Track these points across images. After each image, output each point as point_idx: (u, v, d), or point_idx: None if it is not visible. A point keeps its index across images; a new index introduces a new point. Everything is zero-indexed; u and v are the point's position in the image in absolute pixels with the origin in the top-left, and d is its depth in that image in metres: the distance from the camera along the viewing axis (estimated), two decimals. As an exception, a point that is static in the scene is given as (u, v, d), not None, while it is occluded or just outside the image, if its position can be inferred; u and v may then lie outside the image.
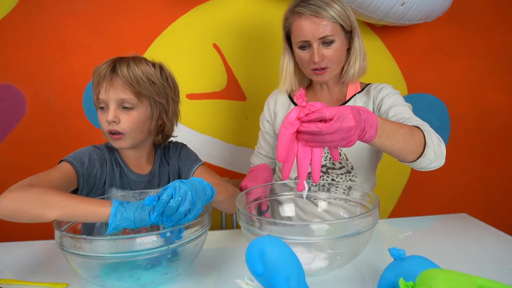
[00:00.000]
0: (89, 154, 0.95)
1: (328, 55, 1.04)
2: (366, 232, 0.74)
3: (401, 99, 1.09)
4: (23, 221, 0.72)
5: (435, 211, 1.74)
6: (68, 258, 0.69)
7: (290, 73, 1.15)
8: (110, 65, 0.93)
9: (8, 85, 1.55)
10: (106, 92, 0.91)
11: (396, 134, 0.79)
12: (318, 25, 1.01)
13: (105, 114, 0.92)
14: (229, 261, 0.84)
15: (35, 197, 0.72)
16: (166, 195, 0.68)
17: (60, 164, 0.90)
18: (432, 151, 0.86)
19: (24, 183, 0.76)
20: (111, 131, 0.93)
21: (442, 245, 0.89)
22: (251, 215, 0.77)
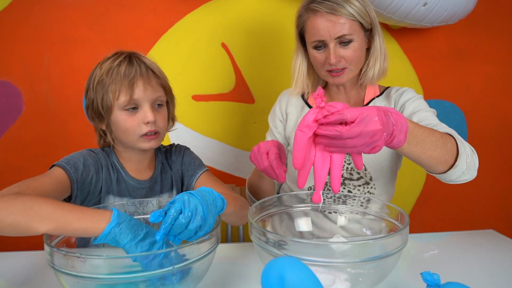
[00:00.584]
0: (83, 159, 0.86)
1: (345, 56, 0.95)
2: (394, 255, 0.66)
3: (425, 104, 1.01)
4: (8, 234, 0.63)
5: (449, 225, 1.66)
6: (58, 277, 0.61)
7: (303, 75, 1.06)
8: (129, 58, 0.86)
9: (5, 82, 1.47)
10: (142, 90, 0.84)
11: (427, 141, 0.72)
12: (335, 24, 0.92)
13: (139, 116, 0.85)
14: (239, 280, 0.76)
15: (21, 207, 0.63)
16: (174, 210, 0.60)
17: (52, 169, 0.82)
18: (464, 162, 0.78)
19: (11, 191, 0.68)
20: (150, 132, 0.86)
21: (472, 265, 0.81)
22: (265, 231, 0.69)
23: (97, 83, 0.85)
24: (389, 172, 1.03)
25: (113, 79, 0.83)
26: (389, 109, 0.64)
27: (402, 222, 0.74)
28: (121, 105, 0.84)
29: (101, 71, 0.85)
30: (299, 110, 1.10)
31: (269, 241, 0.67)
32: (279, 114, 1.13)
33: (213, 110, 1.54)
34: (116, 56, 0.87)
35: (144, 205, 0.84)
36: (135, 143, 0.87)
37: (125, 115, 0.85)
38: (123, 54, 0.87)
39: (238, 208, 0.86)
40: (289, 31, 1.51)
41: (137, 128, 0.85)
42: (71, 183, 0.81)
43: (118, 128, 0.87)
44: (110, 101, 0.84)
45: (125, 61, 0.85)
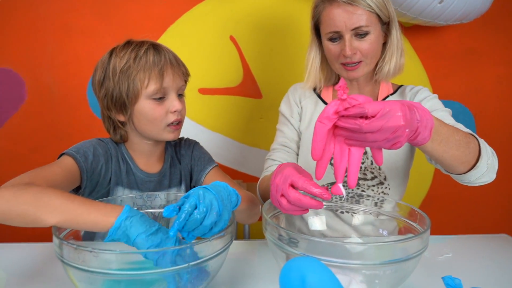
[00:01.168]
0: (93, 148, 0.84)
1: (361, 48, 0.92)
2: (414, 258, 0.64)
3: (440, 103, 0.99)
4: (16, 224, 0.61)
5: (456, 228, 1.64)
6: (67, 270, 0.59)
7: (316, 69, 1.03)
8: (153, 47, 0.84)
9: (8, 69, 1.44)
10: (172, 79, 0.84)
11: (451, 140, 0.69)
12: (352, 14, 0.89)
13: (166, 106, 0.84)
14: (250, 278, 0.73)
15: (31, 197, 0.61)
16: (189, 205, 0.58)
17: (62, 158, 0.79)
18: (485, 163, 0.76)
19: (22, 181, 0.65)
20: (176, 121, 0.85)
21: (489, 270, 0.79)
22: (281, 228, 0.67)
23: (120, 71, 0.81)
24: (403, 172, 1.01)
25: (142, 67, 0.81)
26: (414, 103, 0.61)
27: (422, 224, 0.71)
28: (149, 94, 0.82)
29: (122, 59, 0.82)
30: (313, 105, 1.07)
31: (283, 239, 0.65)
32: (295, 104, 1.09)
33: (220, 104, 1.51)
34: (136, 44, 0.84)
35: (152, 199, 0.82)
36: (160, 133, 0.85)
37: (153, 104, 0.83)
38: (145, 43, 0.84)
39: (250, 205, 0.84)
40: (299, 26, 1.49)
41: (164, 117, 0.84)
42: (80, 173, 0.79)
43: (142, 118, 0.84)
44: (137, 89, 0.82)
45: (150, 49, 0.83)
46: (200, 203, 0.59)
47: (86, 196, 0.84)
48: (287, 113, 1.10)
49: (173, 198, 0.83)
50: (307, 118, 1.06)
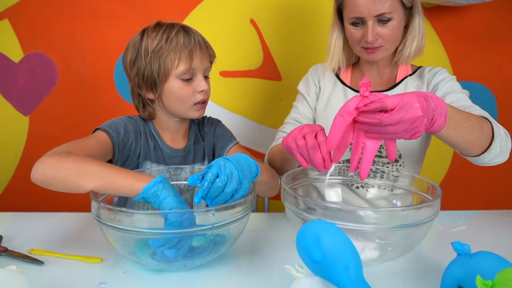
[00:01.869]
0: (124, 124, 0.90)
1: (383, 34, 0.94)
2: (425, 225, 0.67)
3: (458, 85, 1.00)
4: (58, 189, 0.68)
5: (475, 206, 1.65)
6: (104, 231, 0.65)
7: (339, 50, 1.06)
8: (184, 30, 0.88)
9: (41, 54, 1.52)
10: (200, 61, 0.88)
11: (465, 125, 0.72)
12: (376, 1, 0.91)
13: (193, 86, 0.89)
14: (269, 246, 0.79)
15: (73, 165, 0.67)
16: (211, 174, 0.63)
17: (96, 132, 0.86)
18: (499, 145, 0.79)
19: (62, 150, 0.72)
20: (202, 100, 0.90)
21: (503, 241, 0.82)
22: (299, 196, 0.71)
23: (152, 51, 0.86)
24: (418, 151, 1.03)
25: (173, 48, 0.85)
26: (428, 94, 0.64)
27: (433, 194, 0.74)
28: (179, 73, 0.86)
29: (154, 40, 0.85)
30: (332, 85, 1.10)
31: (301, 207, 0.70)
32: (313, 84, 1.13)
33: (240, 87, 1.55)
34: (167, 26, 0.88)
35: (178, 173, 0.88)
36: (187, 110, 0.91)
37: (181, 83, 0.87)
38: (175, 25, 0.88)
39: (269, 177, 0.88)
40: (317, 9, 1.50)
41: (192, 96, 0.89)
42: (113, 146, 0.85)
43: (171, 96, 0.89)
44: (168, 69, 0.86)
45: (181, 31, 0.87)
46: (221, 172, 0.64)
47: None
48: (304, 91, 1.13)
49: (197, 171, 0.88)
50: (325, 98, 1.10)
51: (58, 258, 0.71)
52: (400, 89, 1.04)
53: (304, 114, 1.11)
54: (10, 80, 1.53)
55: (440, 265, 0.64)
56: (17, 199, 1.62)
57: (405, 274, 0.68)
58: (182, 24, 0.91)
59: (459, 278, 0.59)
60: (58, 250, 0.74)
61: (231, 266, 0.70)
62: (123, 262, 0.70)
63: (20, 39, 1.50)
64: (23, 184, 1.61)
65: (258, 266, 0.70)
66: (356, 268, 0.54)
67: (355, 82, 1.10)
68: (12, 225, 0.88)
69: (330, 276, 0.54)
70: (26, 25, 1.50)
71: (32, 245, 0.76)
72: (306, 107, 1.12)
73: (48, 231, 0.84)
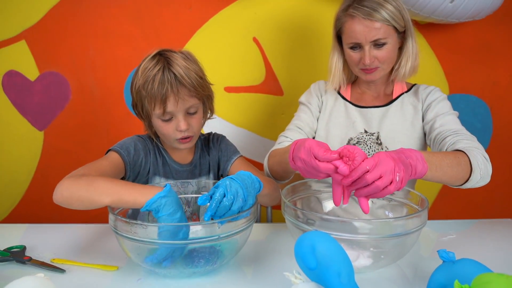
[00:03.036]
0: (134, 144, 0.98)
1: (379, 56, 1.03)
2: (414, 233, 0.73)
3: (448, 105, 1.08)
4: (76, 208, 0.76)
5: (471, 216, 1.70)
6: (120, 241, 0.72)
7: (339, 71, 1.13)
8: (163, 70, 0.89)
9: (55, 72, 1.61)
10: (174, 104, 0.90)
11: (443, 164, 0.81)
12: (371, 29, 0.99)
13: (173, 124, 0.93)
14: (271, 254, 0.85)
15: (85, 185, 0.75)
16: (219, 194, 0.69)
17: (109, 153, 0.94)
18: (478, 174, 0.86)
19: (77, 173, 0.80)
20: (184, 137, 0.94)
21: (488, 249, 0.87)
22: (297, 208, 0.78)
23: (136, 92, 0.93)
24: None
25: (148, 93, 0.90)
26: (399, 150, 0.74)
27: (422, 205, 0.81)
28: (157, 115, 0.92)
29: (139, 80, 0.91)
30: (333, 100, 1.18)
31: (299, 218, 0.76)
32: (316, 97, 1.19)
33: (244, 101, 1.63)
34: (153, 63, 0.91)
35: (185, 186, 0.95)
36: (172, 143, 0.97)
37: (161, 122, 0.93)
38: (159, 63, 0.90)
39: (271, 190, 0.95)
40: (318, 27, 1.58)
41: (172, 134, 0.94)
42: (125, 165, 0.93)
43: (157, 131, 0.97)
44: (148, 109, 0.93)
45: (159, 73, 0.89)
46: (228, 191, 0.70)
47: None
48: (306, 101, 1.19)
49: (203, 185, 0.95)
50: (327, 112, 1.17)
51: (77, 267, 0.78)
52: (397, 104, 1.11)
53: (306, 122, 1.16)
54: (26, 97, 1.62)
55: (428, 271, 0.69)
56: (31, 210, 1.70)
57: (396, 279, 0.74)
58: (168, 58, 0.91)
59: (443, 283, 0.64)
60: (77, 259, 0.81)
61: (236, 273, 0.76)
62: (137, 270, 0.77)
63: (36, 59, 1.59)
64: (37, 196, 1.69)
65: (260, 273, 0.77)
66: (348, 274, 0.60)
67: (355, 97, 1.17)
68: (32, 236, 0.95)
69: (325, 281, 0.60)
70: (41, 46, 1.58)
71: (54, 255, 0.83)
72: (309, 116, 1.17)
73: (67, 241, 0.91)
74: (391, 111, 1.11)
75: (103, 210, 0.90)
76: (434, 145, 1.02)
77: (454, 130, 0.98)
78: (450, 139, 0.96)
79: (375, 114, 1.12)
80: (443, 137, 0.98)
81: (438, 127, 1.02)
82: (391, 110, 1.11)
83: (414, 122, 1.09)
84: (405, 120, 1.09)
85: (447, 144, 0.95)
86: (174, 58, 0.92)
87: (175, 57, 0.92)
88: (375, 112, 1.12)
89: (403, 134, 1.08)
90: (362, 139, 1.11)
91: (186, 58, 0.94)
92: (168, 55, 0.92)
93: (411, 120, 1.09)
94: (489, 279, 0.55)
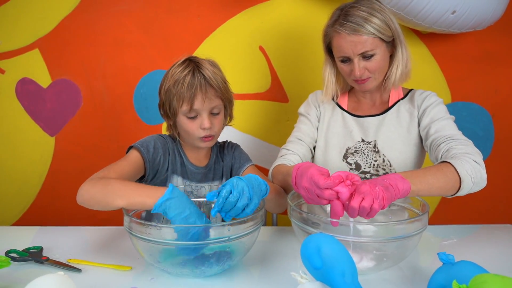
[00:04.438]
0: (154, 142, 1.03)
1: (369, 67, 1.05)
2: (415, 236, 0.76)
3: (444, 110, 1.09)
4: (96, 208, 0.80)
5: (473, 222, 1.72)
6: (134, 241, 0.76)
7: (332, 83, 1.17)
8: (193, 72, 0.96)
9: (67, 80, 1.66)
10: (201, 102, 0.96)
11: (427, 177, 0.83)
12: (357, 43, 1.01)
13: (198, 122, 0.99)
14: (277, 256, 0.88)
15: (101, 188, 0.80)
16: (225, 191, 0.73)
17: (129, 151, 0.99)
18: (469, 181, 0.88)
19: (98, 175, 0.85)
20: (207, 135, 0.99)
21: (487, 253, 0.90)
22: (303, 212, 0.81)
23: (165, 92, 1.00)
24: (412, 168, 1.12)
25: (177, 92, 0.97)
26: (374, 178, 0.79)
27: (423, 210, 0.84)
28: (183, 112, 0.99)
29: (169, 81, 0.98)
30: (331, 110, 1.21)
31: (305, 221, 0.79)
32: (314, 107, 1.22)
33: (250, 108, 1.67)
34: (183, 66, 0.99)
35: (198, 188, 1.00)
36: (195, 141, 1.02)
37: (187, 120, 0.99)
38: (189, 67, 0.98)
39: (277, 195, 0.98)
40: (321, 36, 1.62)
41: (196, 131, 1.00)
42: (144, 162, 0.98)
43: (181, 128, 1.03)
44: (175, 107, 0.99)
45: (189, 75, 0.96)
46: (234, 189, 0.74)
47: (149, 181, 1.03)
48: (306, 113, 1.22)
49: (215, 188, 0.99)
50: (326, 122, 1.20)
51: (93, 267, 0.82)
52: (393, 112, 1.14)
53: (306, 133, 1.19)
54: (39, 104, 1.67)
55: (428, 274, 0.72)
56: (42, 214, 1.74)
57: (397, 281, 0.77)
58: (197, 63, 0.99)
59: (442, 284, 0.67)
60: (92, 259, 0.85)
61: (244, 273, 0.80)
62: (150, 270, 0.80)
63: (48, 67, 1.64)
64: (48, 200, 1.73)
65: (267, 273, 0.80)
66: (352, 274, 0.64)
67: (351, 107, 1.20)
68: (47, 238, 0.98)
69: (329, 281, 0.63)
70: (54, 54, 1.64)
71: (69, 255, 0.86)
72: (309, 127, 1.20)
73: (81, 242, 0.95)
74: (387, 119, 1.13)
75: (112, 214, 0.95)
76: (431, 152, 1.04)
77: (448, 136, 0.99)
78: (444, 146, 0.97)
79: (371, 123, 1.14)
80: (438, 144, 1.00)
81: (433, 133, 1.03)
82: (387, 118, 1.13)
83: (410, 129, 1.11)
84: (401, 127, 1.11)
85: (442, 151, 0.97)
86: (202, 62, 1.00)
87: (203, 62, 1.01)
88: (371, 121, 1.15)
89: (400, 141, 1.10)
90: (360, 148, 1.13)
91: (213, 64, 1.02)
92: (197, 60, 1.00)
93: (407, 127, 1.11)
94: (485, 279, 0.58)
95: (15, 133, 1.69)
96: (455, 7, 1.30)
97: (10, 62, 1.64)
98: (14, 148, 1.70)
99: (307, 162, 0.84)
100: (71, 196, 1.86)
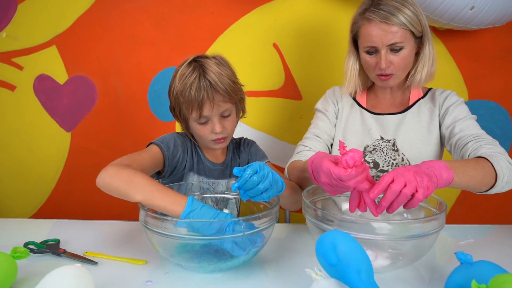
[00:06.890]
0: (174, 140, 1.04)
1: (395, 62, 1.02)
2: (431, 236, 0.75)
3: (466, 110, 1.08)
4: (113, 194, 0.81)
5: (490, 221, 1.69)
6: (150, 235, 0.76)
7: (355, 76, 1.14)
8: (199, 78, 0.94)
9: (83, 76, 1.68)
10: (210, 109, 0.96)
11: (468, 169, 0.82)
12: (388, 32, 0.99)
13: (209, 127, 0.99)
14: (290, 253, 0.88)
15: (126, 177, 0.80)
16: (252, 169, 0.74)
17: (150, 146, 1.00)
18: (504, 179, 0.87)
19: (122, 162, 0.85)
20: (219, 138, 1.00)
21: (505, 253, 0.88)
22: (318, 209, 0.80)
23: (174, 97, 1.00)
24: None
25: (185, 100, 0.96)
26: (419, 164, 0.76)
27: (440, 209, 0.82)
28: (194, 118, 0.99)
29: (177, 86, 0.97)
30: (349, 107, 1.19)
31: (320, 218, 0.79)
32: (332, 104, 1.20)
33: (264, 106, 1.67)
34: (189, 70, 0.96)
35: (215, 185, 1.00)
36: (208, 144, 1.04)
37: (198, 125, 1.00)
38: (195, 72, 0.95)
39: (293, 192, 0.98)
40: (335, 33, 1.61)
41: (208, 135, 1.00)
42: (164, 159, 0.99)
43: (194, 132, 1.04)
44: (185, 114, 1.00)
45: (195, 82, 0.94)
46: (260, 170, 0.75)
47: (166, 177, 1.05)
48: (323, 109, 1.20)
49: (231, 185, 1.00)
50: (344, 119, 1.18)
51: (109, 260, 0.83)
52: (413, 111, 1.12)
53: (323, 129, 1.17)
54: (55, 100, 1.69)
55: (445, 274, 0.71)
56: (58, 208, 1.77)
57: (414, 280, 0.76)
58: (202, 65, 0.96)
59: (460, 284, 0.66)
60: (108, 252, 0.86)
61: (259, 270, 0.80)
62: (165, 264, 0.81)
63: (65, 63, 1.67)
64: (63, 194, 1.76)
65: (281, 269, 0.80)
66: (367, 272, 0.63)
67: (370, 104, 1.18)
68: (63, 231, 1.00)
69: (345, 278, 0.62)
70: (71, 51, 1.66)
71: (86, 248, 0.88)
72: (326, 123, 1.18)
73: (97, 236, 0.96)
74: (408, 118, 1.11)
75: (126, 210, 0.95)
76: (455, 151, 1.02)
77: (475, 135, 0.98)
78: (472, 145, 0.96)
79: (391, 121, 1.13)
80: (464, 143, 0.98)
81: (458, 132, 1.01)
82: (408, 117, 1.11)
83: (431, 128, 1.09)
84: (422, 126, 1.10)
85: (470, 150, 0.95)
86: (208, 65, 0.97)
87: (209, 63, 0.97)
88: (391, 119, 1.13)
89: (419, 140, 1.09)
90: (378, 146, 1.12)
91: (219, 63, 0.99)
92: (203, 62, 0.97)
93: (427, 126, 1.10)
94: (506, 279, 0.57)
95: (32, 129, 1.72)
96: (474, 3, 1.28)
97: (28, 59, 1.67)
98: (31, 143, 1.73)
99: (318, 154, 0.81)
100: (87, 191, 1.89)
